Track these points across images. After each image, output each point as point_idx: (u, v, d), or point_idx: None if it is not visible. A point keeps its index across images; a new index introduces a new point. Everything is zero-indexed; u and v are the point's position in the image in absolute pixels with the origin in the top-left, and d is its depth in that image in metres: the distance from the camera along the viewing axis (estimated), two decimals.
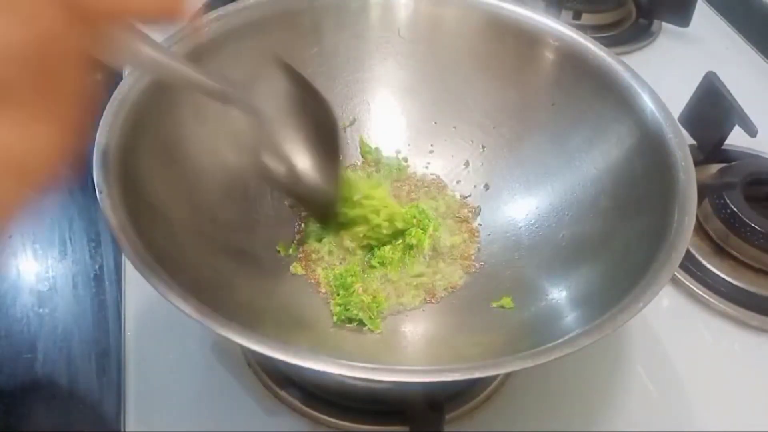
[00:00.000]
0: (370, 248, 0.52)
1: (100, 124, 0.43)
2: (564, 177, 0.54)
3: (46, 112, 0.22)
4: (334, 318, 0.48)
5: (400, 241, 0.52)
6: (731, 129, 0.64)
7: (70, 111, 0.22)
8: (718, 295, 0.57)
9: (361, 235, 0.51)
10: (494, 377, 0.50)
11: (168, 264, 0.38)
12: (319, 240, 0.53)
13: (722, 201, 0.60)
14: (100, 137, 0.42)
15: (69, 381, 0.51)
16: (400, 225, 0.52)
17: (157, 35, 0.48)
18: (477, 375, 0.34)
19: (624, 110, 0.50)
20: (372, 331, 0.48)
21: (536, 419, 0.49)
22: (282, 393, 0.48)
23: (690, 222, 0.41)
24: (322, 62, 0.57)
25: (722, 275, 0.58)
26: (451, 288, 0.52)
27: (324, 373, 0.33)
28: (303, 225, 0.55)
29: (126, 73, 0.47)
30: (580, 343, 0.35)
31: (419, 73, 0.59)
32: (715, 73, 0.66)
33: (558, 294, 0.48)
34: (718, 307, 0.57)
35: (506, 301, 0.49)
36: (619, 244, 0.47)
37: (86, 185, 0.66)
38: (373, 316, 0.48)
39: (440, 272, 0.53)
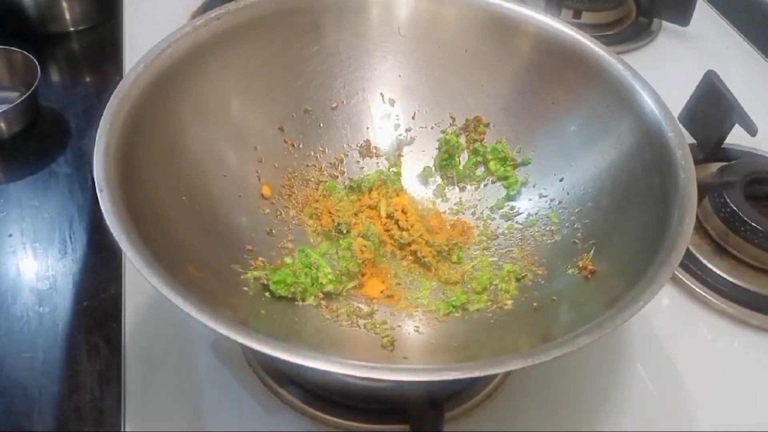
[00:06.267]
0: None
1: (100, 123, 0.43)
2: (564, 176, 0.54)
3: None
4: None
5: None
6: (731, 128, 0.64)
7: None
8: (718, 294, 0.57)
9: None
10: (494, 376, 0.50)
11: (168, 263, 0.38)
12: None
13: (722, 200, 0.60)
14: (100, 136, 0.42)
15: (69, 380, 0.51)
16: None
17: (156, 35, 0.49)
18: (477, 374, 0.34)
19: (624, 109, 0.50)
20: (371, 330, 0.48)
21: (536, 418, 0.49)
22: (282, 392, 0.49)
23: (690, 221, 0.41)
24: (322, 61, 0.57)
25: (722, 274, 0.58)
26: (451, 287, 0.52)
27: (325, 372, 0.33)
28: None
29: (126, 71, 0.47)
30: (580, 342, 0.35)
31: (419, 72, 0.59)
32: (715, 72, 0.66)
33: (558, 292, 0.48)
34: (718, 305, 0.57)
35: (506, 301, 0.49)
36: (619, 243, 0.47)
37: (86, 185, 0.66)
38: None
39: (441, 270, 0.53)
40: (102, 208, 0.38)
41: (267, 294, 0.47)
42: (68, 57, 0.85)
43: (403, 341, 0.47)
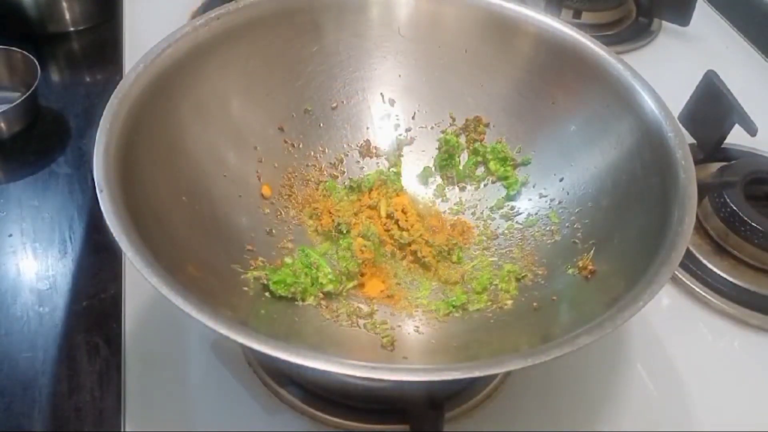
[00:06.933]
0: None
1: (100, 123, 0.43)
2: (564, 176, 0.54)
3: None
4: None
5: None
6: (731, 128, 0.64)
7: None
8: (717, 294, 0.57)
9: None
10: (494, 376, 0.50)
11: (168, 263, 0.38)
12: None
13: (722, 200, 0.60)
14: (100, 136, 0.42)
15: (69, 380, 0.51)
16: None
17: (156, 35, 0.49)
18: (477, 374, 0.34)
19: (624, 109, 0.50)
20: (371, 330, 0.48)
21: (536, 418, 0.49)
22: (282, 392, 0.49)
23: (690, 221, 0.41)
24: (322, 61, 0.57)
25: (722, 274, 0.58)
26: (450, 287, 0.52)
27: (324, 372, 0.33)
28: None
29: (126, 71, 0.47)
30: (580, 342, 0.35)
31: (419, 72, 0.59)
32: (715, 72, 0.66)
33: (558, 292, 0.48)
34: (718, 305, 0.57)
35: (506, 301, 0.49)
36: (619, 243, 0.47)
37: (86, 185, 0.66)
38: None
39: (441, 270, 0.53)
40: (102, 208, 0.38)
41: (267, 294, 0.47)
42: (68, 57, 0.85)
43: (403, 341, 0.47)
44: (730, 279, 0.58)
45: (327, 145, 0.58)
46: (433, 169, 0.59)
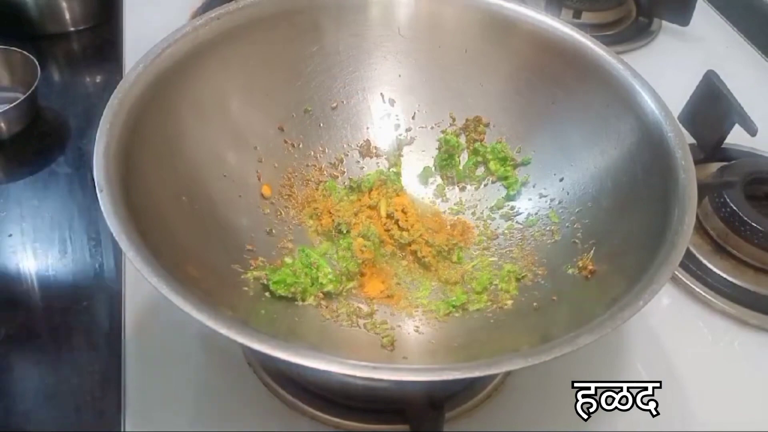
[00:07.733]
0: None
1: (100, 123, 0.43)
2: (564, 176, 0.54)
3: None
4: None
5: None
6: (731, 128, 0.64)
7: None
8: (717, 294, 0.57)
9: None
10: (494, 376, 0.50)
11: (168, 263, 0.38)
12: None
13: (722, 200, 0.60)
14: (100, 137, 0.42)
15: (69, 380, 0.51)
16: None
17: (156, 35, 0.49)
18: (477, 374, 0.34)
19: (624, 109, 0.50)
20: (371, 330, 0.48)
21: (536, 418, 0.49)
22: (282, 392, 0.49)
23: (690, 221, 0.41)
24: (322, 61, 0.57)
25: (722, 274, 0.58)
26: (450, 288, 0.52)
27: (325, 372, 0.33)
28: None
29: (126, 71, 0.47)
30: (580, 342, 0.35)
31: (419, 72, 0.59)
32: (715, 72, 0.66)
33: (558, 292, 0.48)
34: (718, 305, 0.57)
35: (506, 301, 0.49)
36: (619, 243, 0.47)
37: (86, 185, 0.66)
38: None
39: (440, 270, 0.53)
40: (102, 208, 0.38)
41: (267, 294, 0.47)
42: (68, 57, 0.85)
43: (403, 341, 0.47)
44: (730, 279, 0.58)
45: (327, 145, 0.58)
46: (433, 169, 0.59)
